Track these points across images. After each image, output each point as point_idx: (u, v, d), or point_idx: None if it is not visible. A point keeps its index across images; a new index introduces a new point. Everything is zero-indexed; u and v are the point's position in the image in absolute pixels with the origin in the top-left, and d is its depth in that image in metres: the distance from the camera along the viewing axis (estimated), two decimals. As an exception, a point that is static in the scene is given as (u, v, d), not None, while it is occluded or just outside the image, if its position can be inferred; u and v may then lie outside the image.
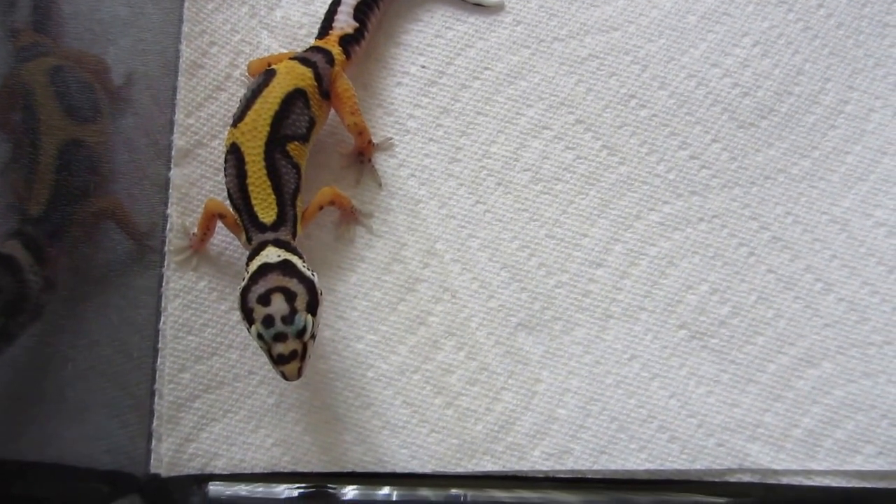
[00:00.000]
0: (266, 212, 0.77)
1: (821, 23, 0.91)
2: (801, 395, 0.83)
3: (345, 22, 0.86)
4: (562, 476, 0.82)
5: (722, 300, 0.86)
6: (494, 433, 0.83)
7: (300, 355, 0.71)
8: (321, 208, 0.83)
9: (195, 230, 0.83)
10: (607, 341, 0.85)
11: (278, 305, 0.71)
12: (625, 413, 0.83)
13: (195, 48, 0.88)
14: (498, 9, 0.91)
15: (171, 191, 0.85)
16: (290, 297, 0.71)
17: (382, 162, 0.89)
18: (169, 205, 0.85)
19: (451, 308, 0.85)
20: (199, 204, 0.85)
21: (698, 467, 0.82)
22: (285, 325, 0.70)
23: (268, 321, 0.71)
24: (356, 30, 0.86)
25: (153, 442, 0.82)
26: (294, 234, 0.79)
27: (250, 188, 0.77)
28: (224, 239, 0.86)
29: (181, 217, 0.85)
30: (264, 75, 0.82)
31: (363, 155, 0.87)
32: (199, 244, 0.83)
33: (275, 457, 0.82)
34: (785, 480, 0.82)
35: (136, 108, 0.90)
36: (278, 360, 0.71)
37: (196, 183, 0.86)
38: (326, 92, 0.83)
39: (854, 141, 0.89)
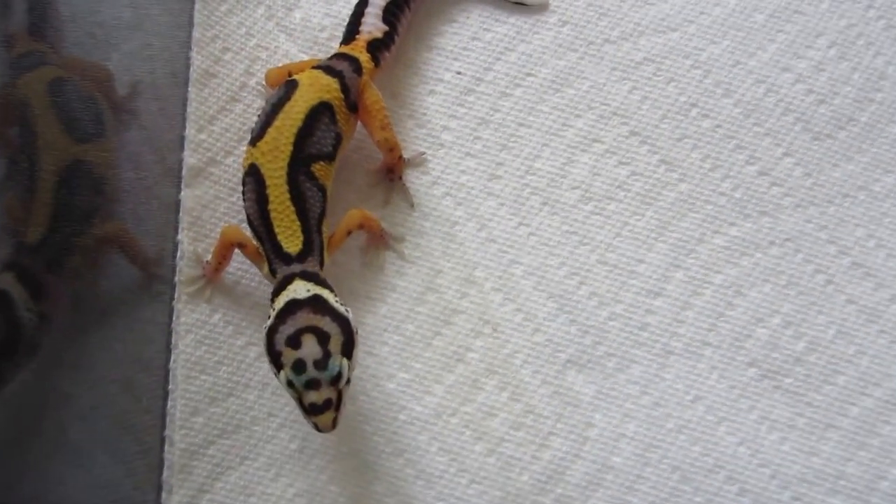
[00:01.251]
0: (291, 241, 0.70)
1: (906, 20, 0.82)
2: (889, 443, 0.75)
3: (373, 25, 0.78)
4: (617, 532, 0.75)
5: (797, 334, 0.77)
6: (542, 484, 0.75)
7: (335, 404, 0.63)
8: (349, 233, 0.75)
9: (209, 258, 0.76)
10: (667, 381, 0.76)
11: (310, 348, 0.64)
12: (688, 462, 0.75)
13: (207, 55, 0.80)
14: (542, 8, 0.82)
15: (181, 214, 0.77)
16: (322, 338, 0.64)
17: (414, 179, 0.81)
18: (180, 230, 0.77)
19: (493, 343, 0.77)
20: (213, 228, 0.78)
21: (771, 523, 0.74)
22: (318, 370, 0.63)
23: (299, 366, 0.63)
24: (385, 34, 0.78)
25: (164, 494, 0.74)
26: (321, 264, 0.71)
27: (272, 215, 0.70)
28: (240, 266, 0.78)
29: (193, 243, 0.77)
30: (285, 87, 0.74)
31: (393, 172, 0.79)
32: (213, 274, 0.76)
33: (297, 508, 0.75)
34: (870, 538, 0.74)
35: (143, 121, 0.82)
36: (311, 411, 0.63)
37: (209, 205, 0.78)
38: (354, 104, 0.76)
39: (945, 154, 0.81)
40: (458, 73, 0.82)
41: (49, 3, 0.82)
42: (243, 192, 0.73)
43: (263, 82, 0.81)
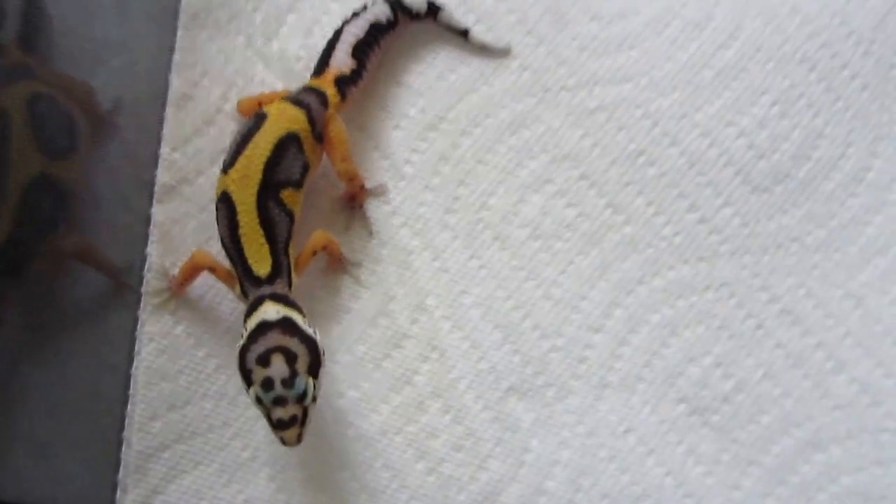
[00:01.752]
0: (260, 264, 0.74)
1: (844, 84, 0.86)
2: (807, 482, 0.79)
3: (342, 60, 0.82)
4: (546, 553, 0.78)
5: (726, 374, 0.81)
6: (479, 503, 0.79)
7: (300, 420, 0.68)
8: (315, 253, 0.79)
9: (176, 272, 0.80)
10: (602, 412, 0.81)
11: (278, 367, 0.68)
12: (617, 489, 0.79)
13: (186, 79, 0.84)
14: (504, 53, 0.86)
15: (152, 228, 0.81)
16: (290, 358, 0.68)
17: (375, 208, 0.84)
18: (149, 243, 0.81)
19: (439, 368, 0.81)
20: (182, 244, 0.82)
21: (692, 552, 0.78)
22: (285, 388, 0.67)
23: (267, 384, 0.67)
24: (354, 70, 0.82)
25: (119, 493, 0.78)
26: (290, 285, 0.75)
27: (243, 239, 0.74)
28: (205, 282, 0.81)
29: (161, 257, 0.81)
30: (255, 119, 0.78)
31: (355, 200, 0.83)
32: (178, 288, 0.80)
33: (245, 515, 0.79)
34: (784, 572, 0.78)
35: (123, 137, 0.86)
36: (277, 426, 0.68)
37: (179, 221, 0.82)
38: (320, 135, 0.79)
39: (875, 211, 0.84)
40: (423, 110, 0.86)
41: (43, 16, 0.86)
42: (217, 218, 0.76)
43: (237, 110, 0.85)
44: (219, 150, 0.84)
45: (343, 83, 0.82)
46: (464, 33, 0.86)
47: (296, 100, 0.79)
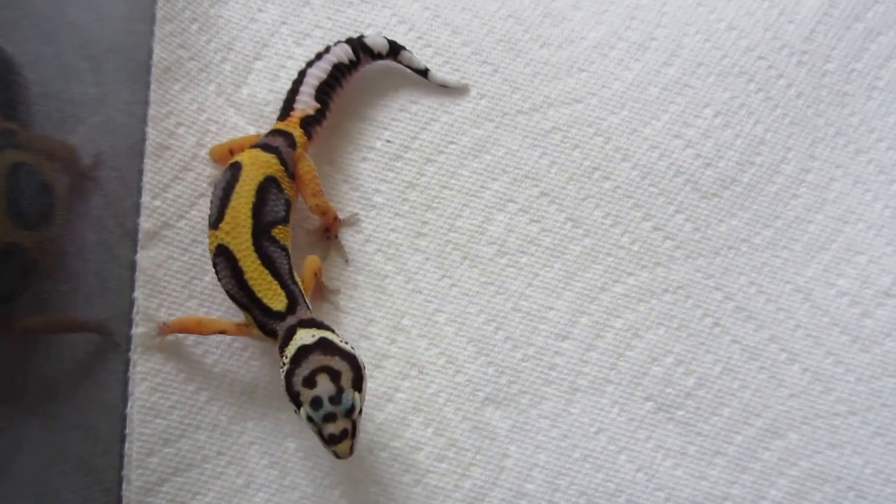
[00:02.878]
0: (275, 300, 0.77)
1: (781, 93, 0.92)
2: (768, 467, 0.84)
3: (306, 103, 0.86)
4: (531, 552, 0.83)
5: (687, 371, 0.86)
6: (463, 510, 0.83)
7: (351, 433, 0.72)
8: (315, 276, 0.84)
9: (162, 316, 0.83)
10: (574, 415, 0.85)
11: (324, 386, 0.71)
12: (592, 487, 0.84)
13: (161, 129, 0.88)
14: (462, 90, 0.91)
15: (137, 273, 0.85)
16: (334, 376, 0.72)
17: (349, 237, 0.89)
18: (136, 287, 0.85)
19: (419, 384, 0.85)
20: (167, 286, 0.86)
21: (667, 542, 0.83)
22: (333, 405, 0.71)
23: (316, 403, 0.71)
24: (317, 111, 0.86)
25: (122, 528, 0.82)
26: (309, 308, 0.79)
27: (251, 284, 0.77)
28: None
29: (147, 299, 0.85)
30: (231, 170, 0.82)
31: (329, 231, 0.88)
32: (165, 331, 0.83)
33: (244, 537, 0.83)
34: (754, 553, 0.83)
35: (104, 189, 0.90)
36: (330, 441, 0.71)
37: (163, 265, 0.86)
38: (293, 173, 0.84)
39: (816, 210, 0.90)
40: (388, 141, 0.91)
41: (20, 82, 0.90)
42: (217, 272, 0.79)
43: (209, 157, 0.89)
44: (197, 194, 0.89)
45: (308, 124, 0.86)
46: (423, 72, 0.91)
47: (265, 145, 0.83)
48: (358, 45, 0.89)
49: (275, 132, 0.85)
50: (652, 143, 0.91)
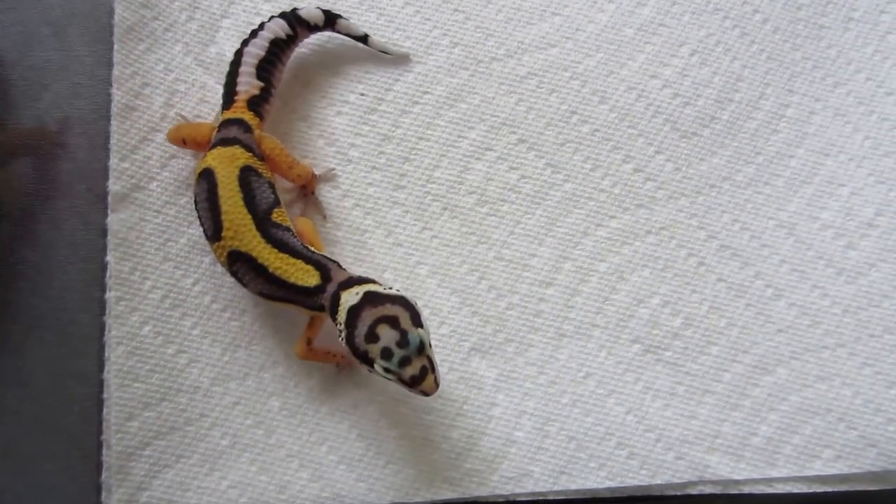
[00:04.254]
0: (308, 276, 0.76)
1: (757, 28, 0.91)
2: (758, 403, 0.83)
3: (249, 83, 0.83)
4: (522, 499, 0.82)
5: (674, 312, 0.85)
6: (452, 460, 0.82)
7: (430, 368, 0.71)
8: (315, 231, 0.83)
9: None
10: (561, 360, 0.85)
11: (387, 335, 0.70)
12: (582, 432, 0.83)
13: (127, 90, 0.86)
14: (403, 58, 0.89)
15: (109, 237, 0.83)
16: (393, 322, 0.71)
17: (326, 193, 0.88)
18: (108, 251, 0.83)
19: (403, 337, 0.85)
20: (140, 248, 0.84)
21: (659, 482, 0.81)
22: (403, 349, 0.70)
23: (386, 353, 0.70)
24: (262, 89, 0.83)
25: (104, 494, 0.80)
26: (340, 266, 0.78)
27: (280, 273, 0.76)
28: (168, 281, 0.84)
29: (120, 262, 0.83)
30: (204, 180, 0.79)
31: (306, 188, 0.87)
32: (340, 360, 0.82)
33: (231, 499, 0.81)
34: (746, 490, 0.82)
35: (74, 154, 0.88)
36: (413, 383, 0.71)
37: (135, 227, 0.84)
38: (261, 155, 0.82)
39: (797, 144, 0.89)
40: (362, 94, 0.89)
41: (2, 81, 0.86)
42: (239, 280, 0.78)
43: (180, 116, 0.87)
44: (168, 155, 0.87)
45: (255, 104, 0.83)
46: (363, 39, 0.89)
47: (222, 140, 0.81)
48: (293, 18, 0.86)
49: (226, 123, 0.82)
50: (629, 84, 0.89)
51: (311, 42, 0.90)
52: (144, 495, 0.80)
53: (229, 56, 0.88)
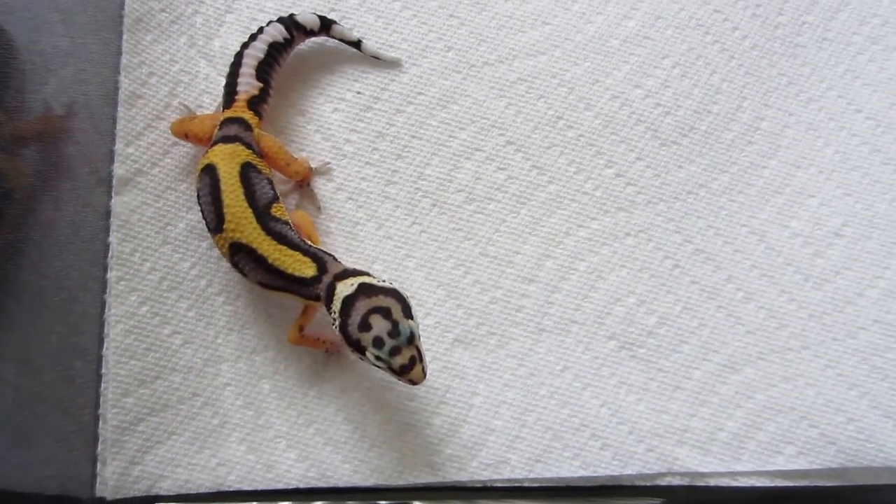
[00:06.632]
0: (305, 268, 0.79)
1: (736, 44, 0.95)
2: (726, 400, 0.87)
3: (249, 84, 0.87)
4: (499, 485, 0.85)
5: (649, 311, 0.90)
6: (433, 446, 0.86)
7: (418, 358, 0.74)
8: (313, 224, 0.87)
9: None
10: (540, 354, 0.88)
11: (379, 324, 0.74)
12: (558, 422, 0.87)
13: (134, 79, 0.90)
14: (394, 64, 0.93)
15: (112, 219, 0.86)
16: (385, 313, 0.74)
17: (321, 186, 0.91)
18: (111, 232, 0.86)
19: (390, 326, 0.88)
20: (141, 230, 0.87)
21: (629, 472, 0.85)
22: (394, 338, 0.73)
23: (377, 342, 0.73)
24: (261, 90, 0.87)
25: (98, 466, 0.83)
26: (335, 259, 0.81)
27: (278, 264, 0.79)
28: (166, 264, 0.88)
29: (121, 244, 0.86)
30: (207, 175, 0.82)
31: (302, 180, 0.90)
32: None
33: (220, 476, 0.84)
34: (712, 482, 0.86)
35: (78, 137, 0.91)
36: (402, 371, 0.74)
37: (137, 210, 0.88)
38: (260, 152, 0.85)
39: (770, 156, 0.94)
40: (358, 92, 0.93)
41: (13, 69, 0.89)
42: (240, 270, 0.81)
43: (182, 107, 0.90)
44: (171, 142, 0.90)
45: (255, 104, 0.86)
46: (356, 44, 0.93)
47: (224, 138, 0.84)
48: (290, 23, 0.90)
49: (227, 121, 0.85)
50: (613, 92, 0.94)
51: (312, 43, 0.93)
52: (137, 469, 0.83)
53: (232, 49, 0.92)
